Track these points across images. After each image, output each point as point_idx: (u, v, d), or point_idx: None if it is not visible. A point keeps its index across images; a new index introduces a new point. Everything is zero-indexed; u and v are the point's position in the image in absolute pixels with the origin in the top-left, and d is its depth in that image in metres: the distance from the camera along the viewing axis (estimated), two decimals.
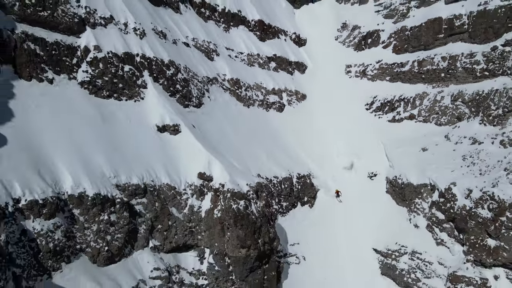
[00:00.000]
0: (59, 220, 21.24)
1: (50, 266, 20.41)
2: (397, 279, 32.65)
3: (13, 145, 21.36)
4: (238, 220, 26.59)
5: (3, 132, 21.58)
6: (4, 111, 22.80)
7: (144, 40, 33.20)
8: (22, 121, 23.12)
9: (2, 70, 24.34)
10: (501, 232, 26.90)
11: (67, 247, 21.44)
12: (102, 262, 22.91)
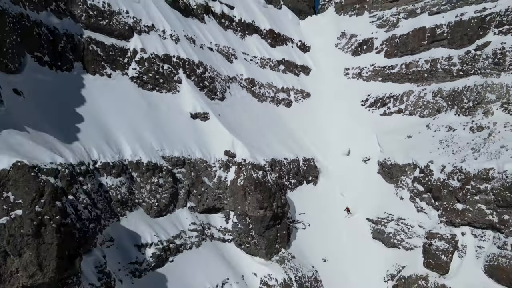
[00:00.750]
0: (123, 179, 26.27)
1: (118, 212, 25.43)
2: (385, 241, 37.33)
3: (87, 122, 26.41)
4: (257, 186, 31.55)
5: (79, 112, 26.67)
6: (78, 96, 27.89)
7: (178, 44, 38.19)
8: (91, 105, 28.13)
9: (74, 66, 29.43)
10: (467, 198, 31.68)
11: (129, 200, 26.46)
12: (153, 214, 27.87)
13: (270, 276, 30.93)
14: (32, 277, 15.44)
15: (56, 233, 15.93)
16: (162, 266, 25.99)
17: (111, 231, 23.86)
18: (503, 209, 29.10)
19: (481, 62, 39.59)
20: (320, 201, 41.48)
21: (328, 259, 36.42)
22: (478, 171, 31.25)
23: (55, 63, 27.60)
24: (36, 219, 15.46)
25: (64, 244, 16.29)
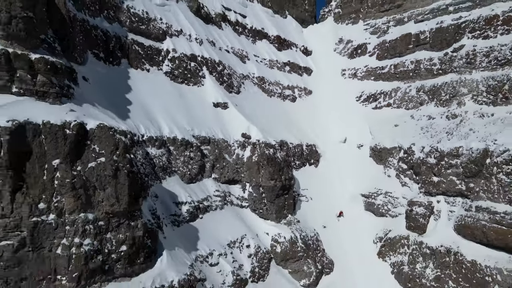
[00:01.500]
0: (163, 151, 31.11)
1: (160, 176, 30.22)
2: (375, 211, 41.89)
3: (134, 105, 31.30)
4: (269, 161, 36.31)
5: (128, 97, 31.56)
6: (126, 86, 32.78)
7: (202, 46, 43.06)
8: (136, 93, 32.97)
9: (122, 62, 34.38)
10: (441, 171, 36.17)
11: (168, 167, 31.25)
12: (186, 181, 32.64)
13: (279, 235, 35.61)
14: (112, 206, 20.25)
15: (127, 176, 20.77)
16: (194, 220, 30.67)
17: (156, 190, 28.66)
18: (469, 179, 33.62)
19: (457, 62, 43.95)
20: (321, 180, 45.94)
21: (327, 225, 41.00)
22: (450, 149, 35.77)
23: (108, 58, 32.52)
24: (114, 165, 20.29)
25: (132, 185, 21.12)
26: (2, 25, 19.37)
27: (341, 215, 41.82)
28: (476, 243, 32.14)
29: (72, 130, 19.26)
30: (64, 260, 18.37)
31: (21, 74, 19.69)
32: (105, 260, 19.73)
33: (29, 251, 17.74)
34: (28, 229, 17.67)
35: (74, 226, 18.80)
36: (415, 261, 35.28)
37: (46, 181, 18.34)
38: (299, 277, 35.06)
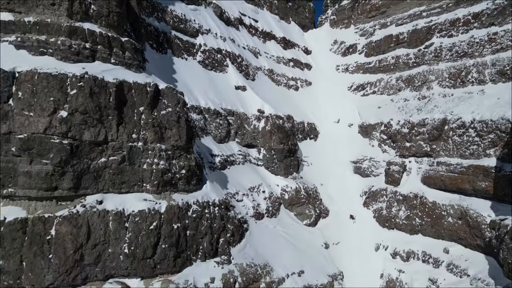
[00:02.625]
0: (201, 117, 38.08)
1: (199, 134, 37.21)
2: (362, 173, 48.58)
3: (179, 83, 38.17)
4: (279, 129, 43.26)
5: (174, 77, 38.62)
6: (171, 69, 39.78)
7: (225, 43, 50.11)
8: (178, 74, 39.84)
9: (167, 51, 41.48)
10: (412, 138, 42.98)
11: (204, 129, 38.21)
12: (217, 141, 39.56)
13: (287, 186, 42.55)
14: (176, 141, 27.24)
15: (185, 122, 27.79)
16: (224, 169, 37.58)
17: (196, 143, 35.67)
18: (432, 142, 40.50)
19: (427, 56, 50.72)
20: (319, 151, 52.72)
21: (324, 184, 47.74)
22: (418, 121, 42.65)
23: (158, 48, 39.58)
24: (177, 114, 27.26)
25: (188, 129, 28.08)
26: (104, 17, 26.46)
27: (352, 218, 43.53)
28: (436, 189, 38.86)
29: (151, 88, 26.28)
30: (148, 172, 25.40)
31: (116, 51, 26.80)
32: (172, 177, 26.76)
33: (126, 164, 24.77)
34: (126, 150, 24.73)
35: (153, 152, 25.85)
36: (391, 206, 42.13)
37: (136, 120, 25.40)
38: (302, 218, 41.94)
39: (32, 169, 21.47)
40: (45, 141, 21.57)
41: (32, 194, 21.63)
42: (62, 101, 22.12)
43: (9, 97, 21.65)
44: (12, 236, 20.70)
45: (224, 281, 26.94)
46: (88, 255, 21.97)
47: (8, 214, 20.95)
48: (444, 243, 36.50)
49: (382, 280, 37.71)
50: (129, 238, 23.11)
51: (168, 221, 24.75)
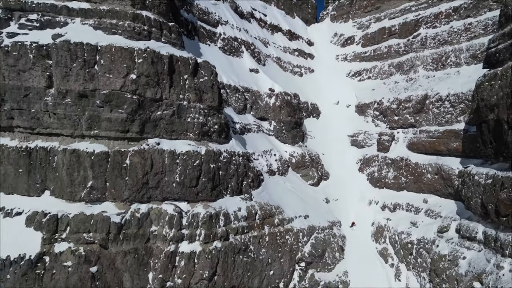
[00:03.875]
0: (223, 91, 45.94)
1: (223, 106, 45.10)
2: (357, 145, 56.27)
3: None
4: (287, 104, 51.08)
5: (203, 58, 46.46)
6: (198, 52, 47.62)
7: (240, 32, 57.97)
8: (204, 57, 47.61)
9: (195, 38, 49.28)
10: (400, 112, 50.81)
11: (226, 101, 46.03)
12: (236, 112, 47.17)
13: (294, 152, 50.33)
14: (211, 102, 35.09)
15: (217, 89, 35.68)
16: (242, 135, 45.32)
17: None
18: (416, 115, 48.20)
19: (415, 45, 58.46)
20: (321, 127, 60.32)
21: (325, 153, 55.47)
22: (405, 97, 50.39)
23: (188, 35, 47.37)
24: (211, 81, 35.05)
25: (219, 94, 35.90)
26: (156, 6, 34.36)
27: (353, 225, 45.66)
28: (418, 153, 46.47)
29: (192, 61, 34.10)
30: (191, 124, 33.26)
31: (165, 33, 34.70)
32: (208, 130, 34.59)
33: (176, 117, 32.63)
34: (175, 107, 32.61)
35: (195, 109, 33.74)
36: (381, 169, 49.94)
37: (182, 84, 33.25)
38: (307, 179, 49.80)
39: (112, 116, 29.39)
40: (121, 96, 29.48)
41: (112, 135, 29.56)
42: (132, 67, 30.00)
43: (95, 63, 29.51)
44: (99, 164, 28.64)
45: (248, 212, 34.88)
46: (151, 180, 29.91)
47: (95, 148, 28.89)
48: (424, 196, 44.25)
49: (373, 227, 45.63)
50: (180, 170, 31.03)
51: (207, 161, 32.66)
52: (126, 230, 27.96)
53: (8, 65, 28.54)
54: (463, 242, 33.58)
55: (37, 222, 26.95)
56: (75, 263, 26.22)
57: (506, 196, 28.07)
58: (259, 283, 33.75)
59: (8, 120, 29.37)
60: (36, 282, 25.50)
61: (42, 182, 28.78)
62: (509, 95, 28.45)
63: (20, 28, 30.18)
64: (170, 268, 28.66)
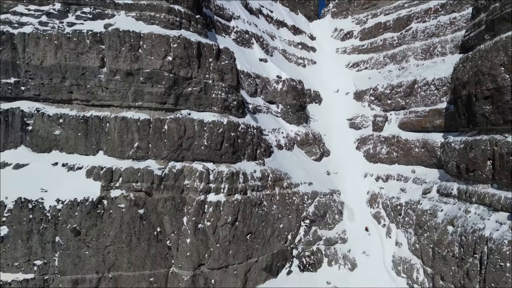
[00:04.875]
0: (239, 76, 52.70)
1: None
2: (355, 127, 62.83)
3: None
4: (293, 88, 57.76)
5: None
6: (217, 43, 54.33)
7: (250, 26, 64.63)
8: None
9: (212, 30, 55.95)
10: (392, 96, 57.62)
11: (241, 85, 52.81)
12: (249, 95, 53.76)
13: (299, 131, 56.93)
14: (231, 82, 41.77)
15: (236, 70, 42.33)
16: (254, 114, 51.92)
17: None
18: (406, 98, 54.91)
19: (407, 38, 65.06)
20: (322, 112, 66.77)
21: (326, 134, 62.12)
22: (397, 83, 56.99)
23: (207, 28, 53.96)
24: (231, 64, 41.60)
25: (237, 75, 42.57)
26: (185, 1, 41.04)
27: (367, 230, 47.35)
28: (408, 131, 53.01)
29: (216, 47, 40.76)
30: (215, 100, 39.75)
31: (193, 23, 41.37)
32: (228, 105, 40.93)
33: (202, 93, 39.12)
34: (202, 84, 39.27)
35: (218, 87, 40.39)
36: (376, 146, 56.57)
37: (207, 66, 39.90)
38: (310, 155, 56.45)
39: (152, 90, 36.10)
40: (160, 74, 36.18)
41: (152, 106, 36.27)
42: (168, 51, 36.68)
43: (139, 47, 36.20)
44: (143, 128, 35.35)
45: (262, 174, 41.59)
46: (184, 143, 36.62)
47: (140, 116, 35.62)
48: (412, 167, 50.82)
49: (368, 195, 52.32)
50: (207, 136, 37.73)
51: (228, 129, 39.33)
52: (166, 182, 34.65)
53: (69, 49, 35.22)
54: (441, 199, 40.14)
55: (95, 174, 33.64)
56: (127, 205, 32.91)
57: (473, 155, 34.72)
58: (271, 233, 40.47)
59: (68, 94, 36.04)
60: (97, 219, 32.24)
61: (97, 144, 35.47)
62: (477, 74, 35.08)
63: (77, 19, 36.87)
64: (200, 213, 35.38)
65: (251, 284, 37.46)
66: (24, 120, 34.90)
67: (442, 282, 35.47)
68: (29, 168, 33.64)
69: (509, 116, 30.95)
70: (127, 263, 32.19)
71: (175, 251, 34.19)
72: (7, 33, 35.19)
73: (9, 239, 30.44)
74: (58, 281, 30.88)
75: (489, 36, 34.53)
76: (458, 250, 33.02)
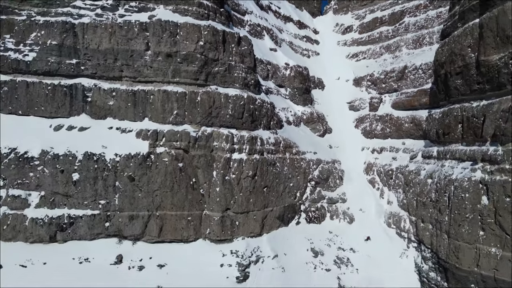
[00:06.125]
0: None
1: None
2: (354, 109, 70.92)
3: None
4: (300, 74, 66.08)
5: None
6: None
7: (262, 20, 72.88)
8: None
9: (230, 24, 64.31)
10: (386, 81, 65.84)
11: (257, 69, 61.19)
12: (262, 78, 62.48)
13: (305, 110, 65.20)
14: (249, 64, 50.21)
15: (253, 55, 50.78)
16: (267, 94, 60.30)
17: None
18: (398, 81, 63.10)
19: (400, 30, 73.05)
20: (324, 96, 74.99)
21: (329, 115, 70.45)
22: (390, 69, 65.11)
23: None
24: (249, 49, 49.79)
25: (254, 59, 50.99)
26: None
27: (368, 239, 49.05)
28: (399, 110, 61.18)
29: (237, 35, 49.04)
30: (237, 78, 47.69)
31: (218, 15, 49.66)
32: (247, 82, 49.15)
33: (227, 72, 47.43)
34: (227, 65, 47.59)
35: (239, 68, 48.61)
36: (371, 124, 64.82)
37: (230, 51, 47.98)
38: (315, 131, 64.67)
39: (187, 69, 44.42)
40: (193, 55, 44.49)
41: (187, 81, 44.60)
42: (200, 37, 44.98)
43: (176, 34, 44.52)
44: (181, 99, 43.65)
45: (275, 140, 49.87)
46: (213, 112, 44.86)
47: (178, 89, 43.99)
48: (402, 140, 58.87)
49: (365, 164, 60.54)
50: (231, 107, 46.00)
51: (248, 103, 47.60)
52: (199, 142, 42.99)
53: (121, 35, 43.57)
54: (424, 161, 48.29)
55: (144, 135, 42.02)
56: (169, 159, 41.28)
57: (448, 121, 42.88)
58: (283, 189, 48.84)
59: (119, 72, 44.35)
60: (147, 169, 40.63)
61: (143, 112, 43.80)
62: (451, 55, 43.22)
63: (125, 11, 45.19)
64: (227, 168, 43.73)
65: (267, 229, 45.77)
66: (85, 93, 43.19)
67: (423, 224, 43.71)
68: (90, 131, 42.07)
69: (474, 86, 39.07)
70: (170, 204, 40.58)
71: (207, 197, 42.56)
72: (69, 23, 43.37)
73: (80, 183, 38.85)
74: (117, 216, 39.28)
75: (461, 24, 42.63)
76: (434, 195, 41.27)
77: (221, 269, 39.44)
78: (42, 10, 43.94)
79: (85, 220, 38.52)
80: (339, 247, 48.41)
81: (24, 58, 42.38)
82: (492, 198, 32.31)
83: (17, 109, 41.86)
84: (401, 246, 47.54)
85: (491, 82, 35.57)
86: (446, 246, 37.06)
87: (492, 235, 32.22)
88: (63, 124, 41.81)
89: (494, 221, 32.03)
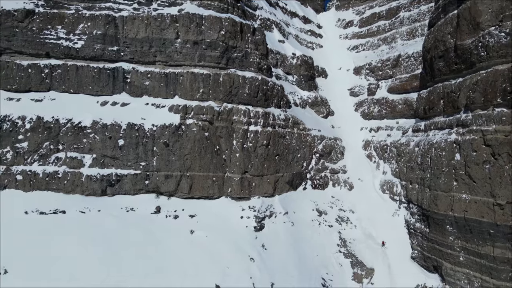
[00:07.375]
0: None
1: None
2: (354, 95, 78.40)
3: None
4: (305, 62, 73.72)
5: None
6: None
7: (271, 15, 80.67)
8: None
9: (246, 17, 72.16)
10: (383, 68, 73.28)
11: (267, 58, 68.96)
12: (272, 65, 70.41)
13: (310, 95, 72.86)
14: (262, 51, 58.12)
15: (266, 43, 58.67)
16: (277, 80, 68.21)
17: None
18: (393, 69, 70.54)
19: (396, 24, 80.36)
20: (328, 84, 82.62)
21: (331, 100, 78.19)
22: (386, 58, 72.68)
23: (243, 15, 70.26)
24: (262, 38, 57.98)
25: (266, 47, 58.91)
26: None
27: (384, 244, 49.49)
28: (394, 94, 68.85)
29: (252, 26, 56.84)
30: (253, 62, 55.83)
31: (235, 9, 57.50)
32: (261, 67, 57.04)
33: (244, 58, 55.32)
34: (244, 51, 55.46)
35: (254, 54, 56.34)
36: (369, 107, 72.50)
37: (247, 39, 56.02)
38: (319, 113, 72.34)
39: (211, 54, 52.22)
40: (216, 43, 52.25)
41: (211, 65, 52.35)
42: (221, 27, 52.71)
43: (202, 24, 52.33)
44: (206, 79, 51.38)
45: (285, 117, 57.67)
46: (233, 91, 52.44)
47: (203, 71, 51.88)
48: (396, 120, 66.61)
49: (363, 142, 68.20)
50: (248, 87, 53.68)
51: (261, 83, 55.35)
52: (222, 116, 50.84)
53: (155, 26, 51.46)
54: (414, 134, 55.87)
55: (175, 109, 49.90)
56: (197, 129, 49.17)
57: (432, 97, 50.51)
58: (292, 158, 56.69)
59: (153, 57, 52.23)
60: (179, 137, 48.50)
61: (174, 90, 51.62)
62: (435, 41, 50.81)
63: (158, 6, 53.11)
64: (245, 137, 51.58)
65: (278, 191, 53.63)
66: (125, 75, 51.05)
67: (411, 185, 51.40)
68: (131, 106, 50.00)
69: (453, 67, 46.61)
70: (198, 166, 48.51)
71: (229, 162, 50.46)
72: (111, 16, 51.24)
73: (124, 148, 46.82)
74: (155, 175, 47.26)
75: (443, 15, 50.23)
76: (420, 159, 48.96)
77: (241, 220, 47.25)
78: (88, 5, 51.81)
79: (129, 178, 46.39)
80: (340, 208, 56.13)
81: (73, 45, 50.22)
82: (463, 154, 39.99)
83: (69, 88, 49.73)
84: (394, 207, 55.16)
85: (465, 62, 43.07)
86: (427, 197, 44.80)
87: (463, 184, 39.92)
88: (108, 101, 49.66)
89: (465, 172, 39.70)
